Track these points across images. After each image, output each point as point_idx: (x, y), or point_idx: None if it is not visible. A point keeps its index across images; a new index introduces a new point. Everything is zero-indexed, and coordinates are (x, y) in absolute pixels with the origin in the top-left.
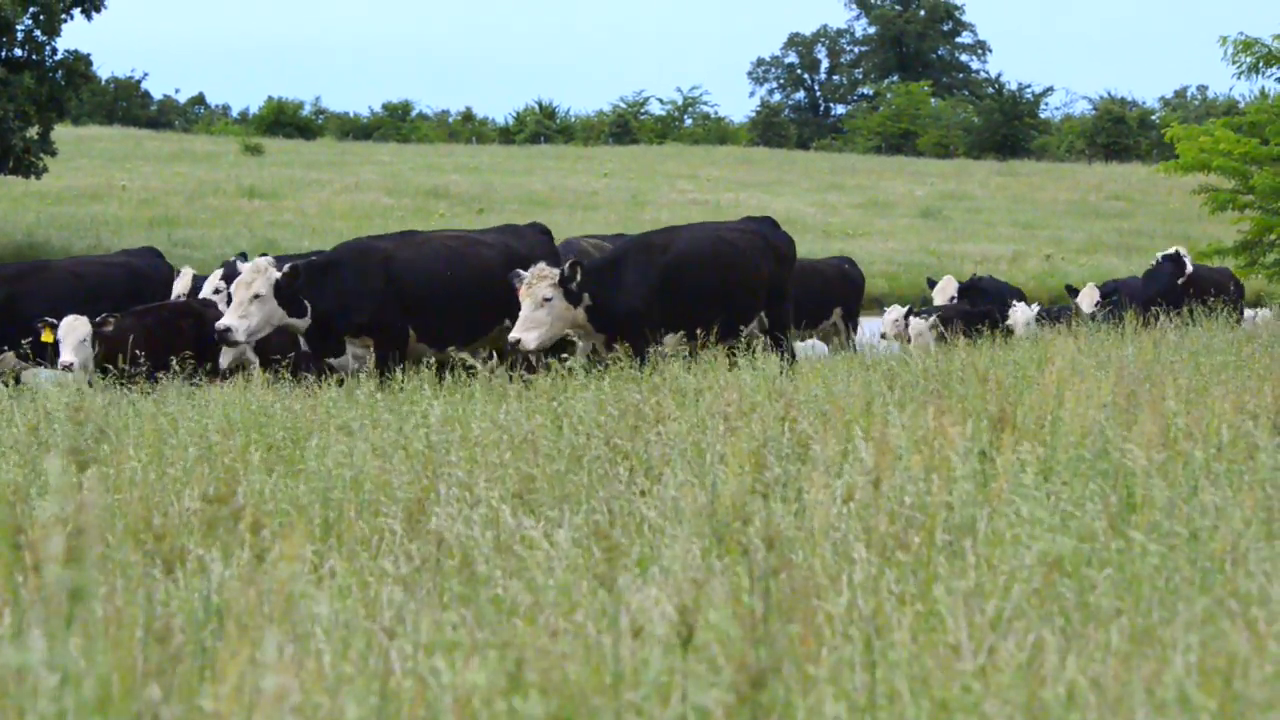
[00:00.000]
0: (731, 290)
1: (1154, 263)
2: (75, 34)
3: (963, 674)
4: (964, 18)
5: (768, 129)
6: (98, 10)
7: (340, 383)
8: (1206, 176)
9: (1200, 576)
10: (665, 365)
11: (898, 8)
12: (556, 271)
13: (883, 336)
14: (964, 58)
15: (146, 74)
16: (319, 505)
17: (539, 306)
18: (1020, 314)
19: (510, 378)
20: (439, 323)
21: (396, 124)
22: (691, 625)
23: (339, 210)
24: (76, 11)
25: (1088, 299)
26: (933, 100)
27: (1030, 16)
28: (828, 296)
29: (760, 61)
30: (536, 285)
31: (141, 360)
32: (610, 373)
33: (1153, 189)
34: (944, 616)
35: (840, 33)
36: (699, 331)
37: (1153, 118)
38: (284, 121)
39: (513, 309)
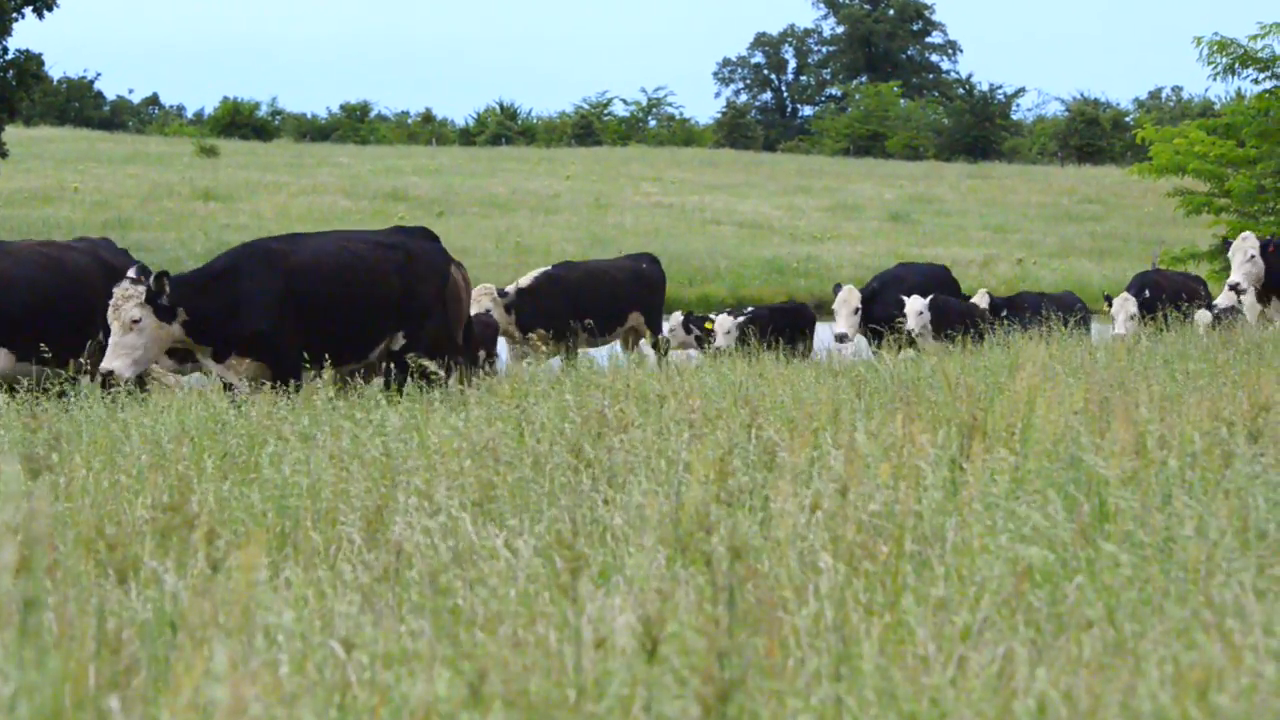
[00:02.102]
0: (358, 306)
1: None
2: (27, 33)
3: (932, 686)
4: (934, 17)
5: (733, 130)
6: (50, 9)
7: (298, 389)
8: (1181, 179)
9: (1174, 587)
10: (629, 371)
11: (866, 7)
12: (142, 289)
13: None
14: (934, 58)
15: (99, 74)
16: (275, 514)
17: (128, 330)
18: (913, 305)
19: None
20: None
21: (355, 125)
22: (655, 637)
23: (296, 213)
24: (28, 10)
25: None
26: (902, 101)
27: (1002, 16)
28: (621, 299)
29: (726, 62)
30: (123, 306)
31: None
32: (574, 379)
33: (1126, 192)
34: (913, 628)
35: (808, 32)
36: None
37: (1126, 119)
38: (240, 122)
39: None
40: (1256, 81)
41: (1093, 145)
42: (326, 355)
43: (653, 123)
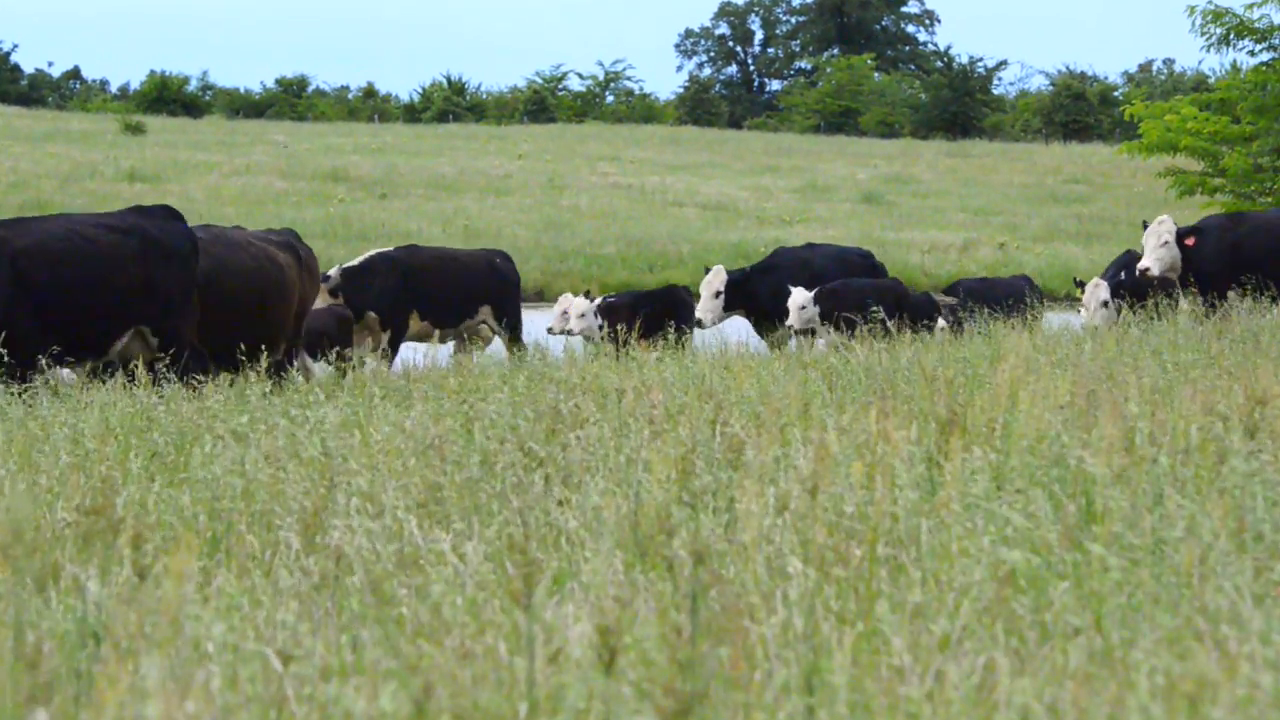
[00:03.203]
0: (90, 297)
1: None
2: None
3: (908, 699)
4: None
5: (697, 106)
6: None
7: (231, 383)
8: (1173, 158)
9: (1166, 592)
10: (585, 364)
11: None
12: None
13: (550, 331)
14: (910, 29)
15: (16, 45)
16: (206, 517)
17: None
18: (796, 299)
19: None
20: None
21: (291, 101)
22: (613, 647)
23: (229, 195)
24: None
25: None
26: (876, 75)
27: None
28: (470, 290)
29: (689, 33)
30: None
31: None
32: (525, 372)
33: (1115, 172)
34: (887, 637)
35: (775, 1)
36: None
37: (1115, 94)
38: (168, 98)
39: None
40: (1253, 53)
41: (1079, 122)
42: (60, 349)
43: (610, 98)
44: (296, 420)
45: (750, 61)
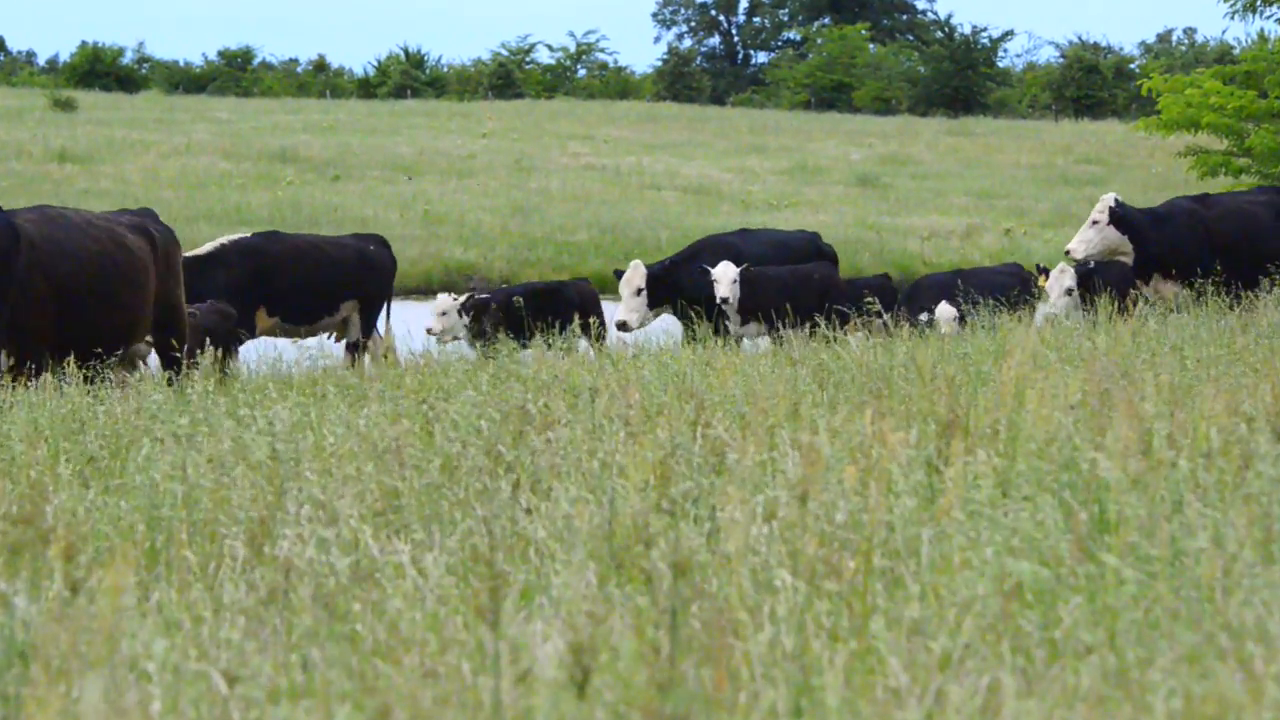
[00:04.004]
0: None
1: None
2: None
3: None
4: None
5: (676, 81)
6: None
7: (169, 382)
8: (1195, 136)
9: (1186, 607)
10: (554, 361)
11: None
12: None
13: (428, 331)
14: None
15: None
16: (144, 527)
17: None
18: (725, 273)
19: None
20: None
21: (235, 74)
22: (587, 666)
23: (167, 177)
24: None
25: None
26: (871, 46)
27: None
28: (334, 284)
29: (667, 1)
30: None
31: None
32: (489, 368)
33: (1131, 151)
34: (883, 655)
35: None
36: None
37: (1131, 66)
38: (101, 71)
39: None
40: None
41: (1092, 97)
42: None
43: (582, 72)
44: (243, 421)
45: (734, 32)
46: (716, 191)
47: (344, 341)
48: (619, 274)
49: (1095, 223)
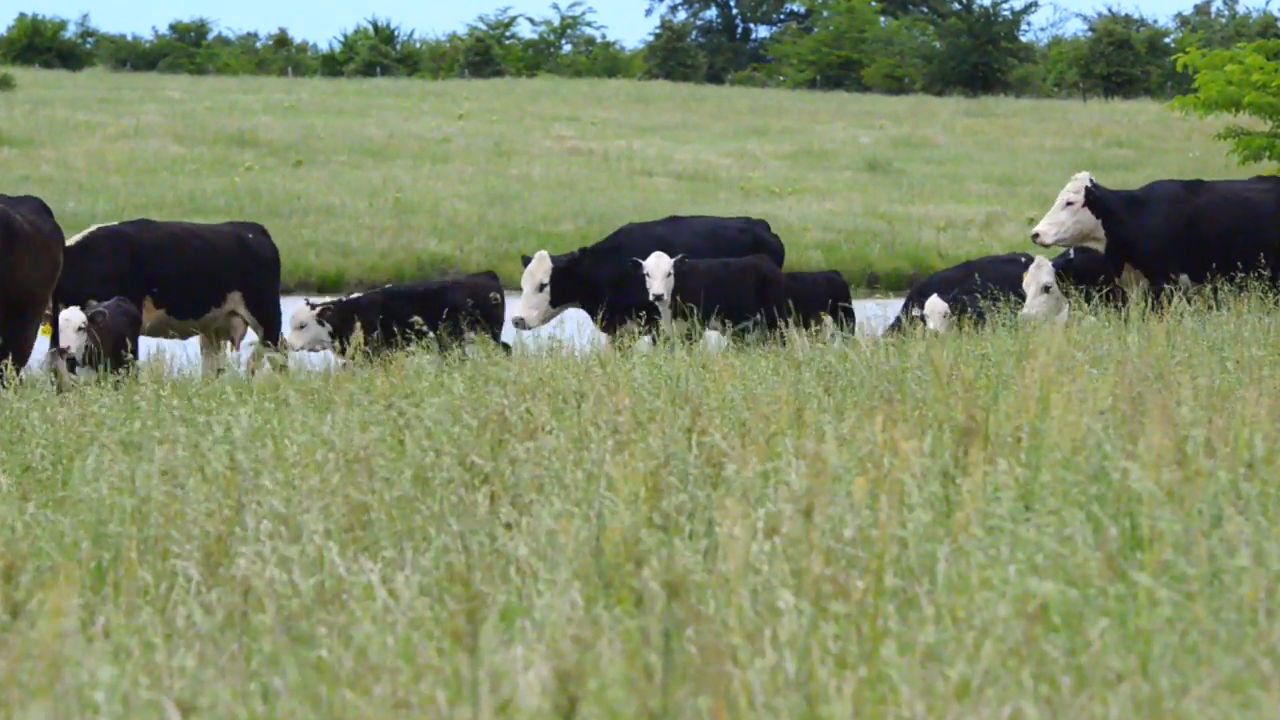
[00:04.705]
0: None
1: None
2: None
3: None
4: None
5: (669, 57)
6: None
7: (116, 385)
8: (1236, 116)
9: (1225, 631)
10: (537, 362)
11: None
12: None
13: (290, 347)
14: None
15: None
16: (90, 544)
17: None
18: (659, 265)
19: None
20: None
21: (188, 50)
22: (573, 696)
23: (114, 162)
24: None
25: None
26: (882, 19)
27: None
28: (215, 273)
29: None
30: None
31: None
32: (465, 370)
33: (1166, 133)
34: (895, 683)
35: None
36: None
37: (1166, 40)
38: (40, 46)
39: None
40: None
41: (1123, 74)
42: None
43: (567, 47)
44: (199, 428)
45: (733, 4)
46: (713, 178)
47: (241, 343)
48: (526, 261)
49: (1069, 204)
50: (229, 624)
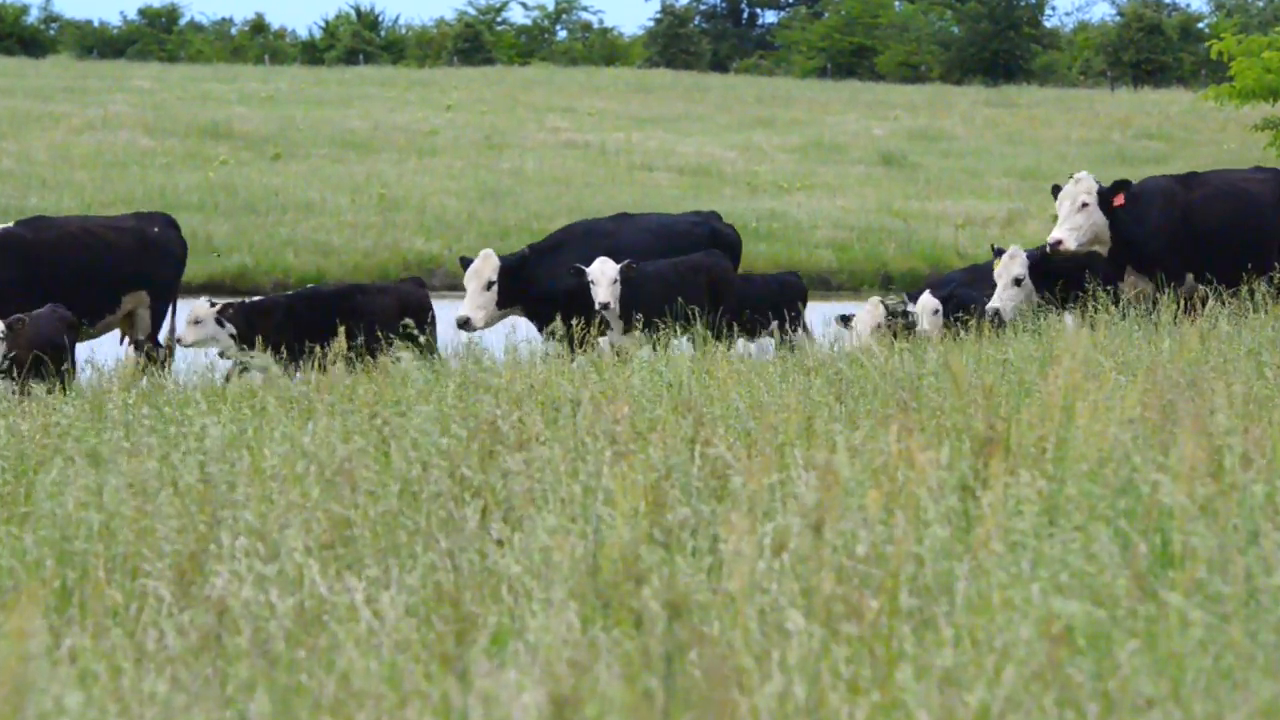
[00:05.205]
0: None
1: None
2: None
3: None
4: None
5: (671, 44)
6: None
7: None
8: (1274, 106)
9: (1262, 654)
10: (530, 368)
11: None
12: None
13: (177, 342)
14: None
15: None
16: (54, 562)
17: None
18: (604, 271)
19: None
20: None
21: (159, 37)
22: None
23: (80, 155)
24: None
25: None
26: (897, 4)
27: None
28: (113, 274)
29: None
30: None
31: None
32: (456, 377)
33: (1200, 124)
34: (911, 709)
35: None
36: None
37: (1199, 26)
38: (1, 33)
39: None
40: None
41: (1153, 61)
42: None
43: (563, 34)
44: (169, 438)
45: None
46: (718, 173)
47: (130, 340)
48: (465, 262)
49: (1085, 205)
50: (202, 647)
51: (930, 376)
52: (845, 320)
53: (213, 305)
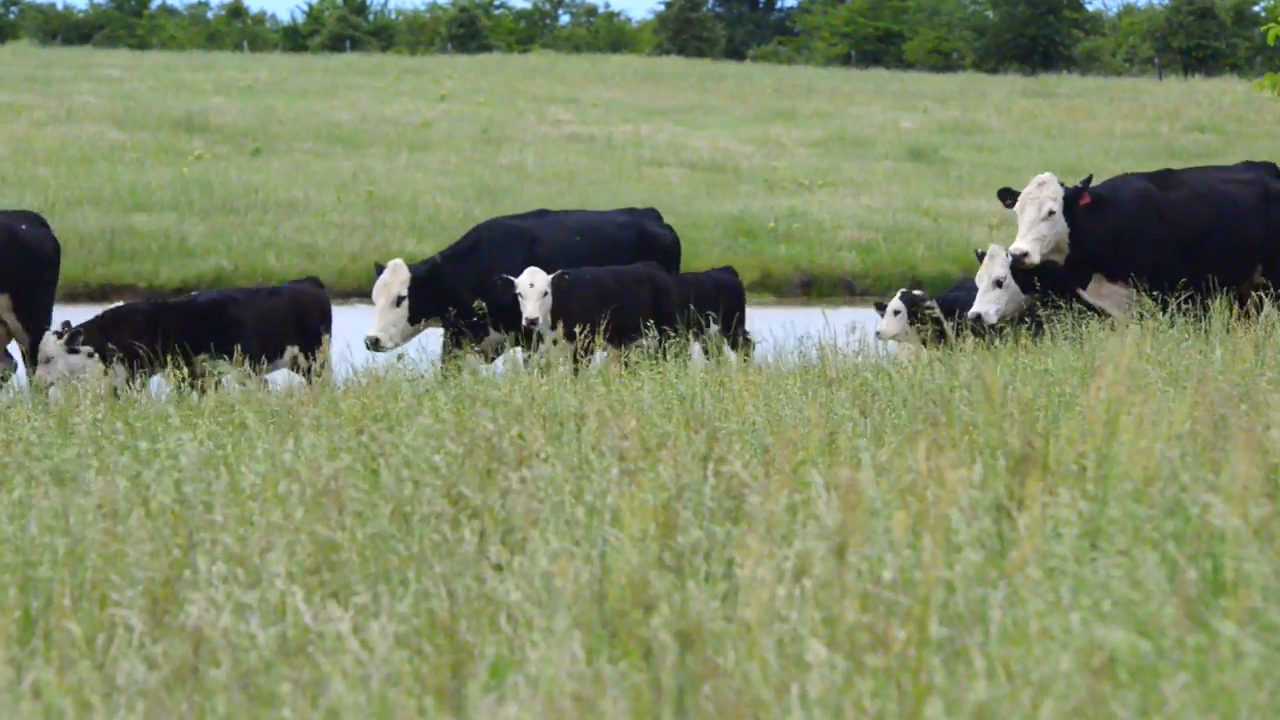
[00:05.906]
0: None
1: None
2: None
3: None
4: None
5: (683, 30)
6: None
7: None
8: None
9: None
10: (530, 379)
11: None
12: None
13: (41, 382)
14: None
15: None
16: (17, 590)
17: None
18: (534, 283)
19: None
20: None
21: (129, 22)
22: None
23: (43, 150)
24: None
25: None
26: None
27: None
28: None
29: None
30: None
31: None
32: (448, 387)
33: (1255, 116)
34: None
35: None
36: None
37: (1255, 9)
38: None
39: None
40: None
41: (1205, 48)
42: None
43: (565, 19)
44: (142, 456)
45: None
46: (733, 168)
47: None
48: (380, 269)
49: (1052, 213)
50: (177, 680)
51: (962, 389)
52: (880, 308)
53: (59, 335)
